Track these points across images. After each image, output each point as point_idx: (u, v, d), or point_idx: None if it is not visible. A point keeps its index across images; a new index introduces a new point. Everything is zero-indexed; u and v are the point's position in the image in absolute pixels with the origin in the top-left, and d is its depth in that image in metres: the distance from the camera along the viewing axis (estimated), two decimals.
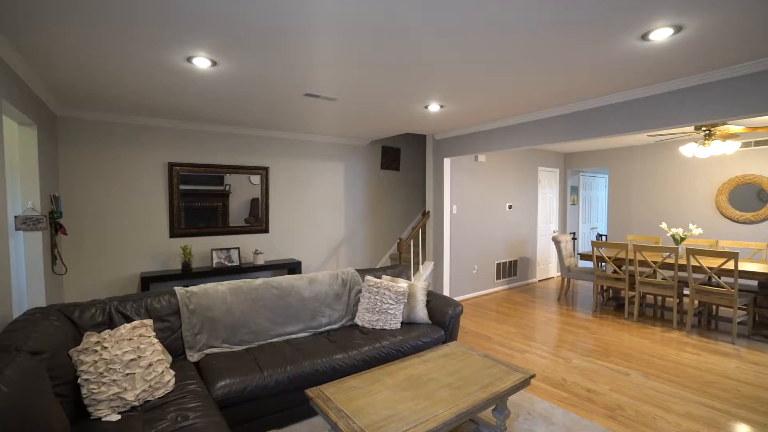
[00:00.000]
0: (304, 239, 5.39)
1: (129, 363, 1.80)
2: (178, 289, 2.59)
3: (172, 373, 1.98)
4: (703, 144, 3.98)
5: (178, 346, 2.45)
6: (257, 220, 5.02)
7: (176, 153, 4.44)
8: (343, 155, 5.71)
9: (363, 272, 3.48)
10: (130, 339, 1.86)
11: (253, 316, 2.80)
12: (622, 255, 4.75)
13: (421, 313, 3.10)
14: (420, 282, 3.24)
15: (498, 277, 6.05)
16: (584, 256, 5.22)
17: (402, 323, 3.10)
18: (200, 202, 4.61)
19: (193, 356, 2.44)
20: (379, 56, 2.43)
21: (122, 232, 4.15)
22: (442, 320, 3.06)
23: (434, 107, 3.68)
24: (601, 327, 4.33)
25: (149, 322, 2.05)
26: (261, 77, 2.83)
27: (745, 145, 5.14)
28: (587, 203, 7.94)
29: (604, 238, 7.81)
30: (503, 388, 1.95)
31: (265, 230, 5.09)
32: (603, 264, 4.89)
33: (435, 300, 3.23)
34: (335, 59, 2.49)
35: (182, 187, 4.48)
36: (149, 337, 1.94)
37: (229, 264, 4.64)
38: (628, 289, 4.67)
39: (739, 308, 3.92)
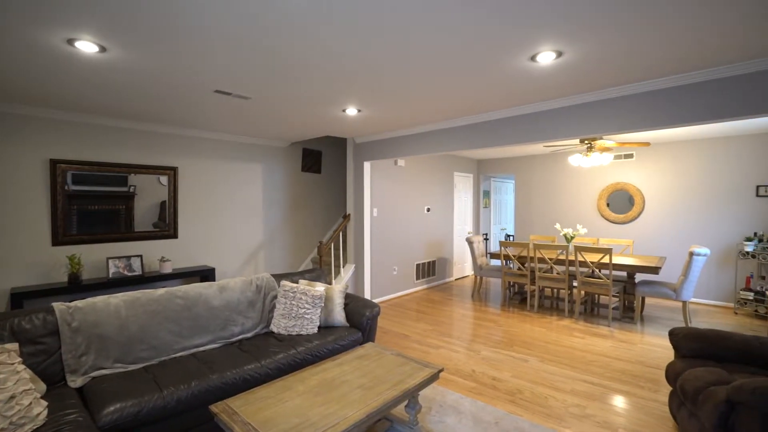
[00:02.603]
0: (218, 244, 5.07)
1: None
2: (57, 305, 2.26)
3: (45, 404, 1.72)
4: (586, 155, 4.58)
5: (57, 371, 2.13)
6: (167, 225, 4.62)
7: (63, 149, 3.88)
8: (262, 156, 5.50)
9: (279, 277, 3.38)
10: None
11: (154, 330, 2.55)
12: (524, 253, 5.26)
13: (339, 316, 3.10)
14: (337, 285, 3.24)
15: (418, 278, 6.30)
16: (494, 255, 5.67)
17: (319, 327, 3.07)
18: (98, 204, 4.10)
19: (76, 381, 2.14)
20: (290, 57, 2.39)
21: None
22: (360, 322, 3.10)
23: (352, 111, 3.72)
24: (508, 320, 4.73)
25: (13, 346, 1.75)
26: (161, 70, 2.61)
27: (617, 157, 6.03)
28: (498, 206, 8.64)
29: (511, 238, 8.56)
30: (413, 384, 2.03)
31: (174, 235, 4.69)
32: (509, 262, 5.36)
33: (353, 302, 3.25)
34: (244, 57, 2.39)
35: (75, 187, 3.93)
36: (12, 364, 1.66)
37: (130, 274, 4.18)
38: (530, 283, 5.17)
39: (614, 296, 4.57)
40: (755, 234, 4.90)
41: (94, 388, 2.06)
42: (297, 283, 3.34)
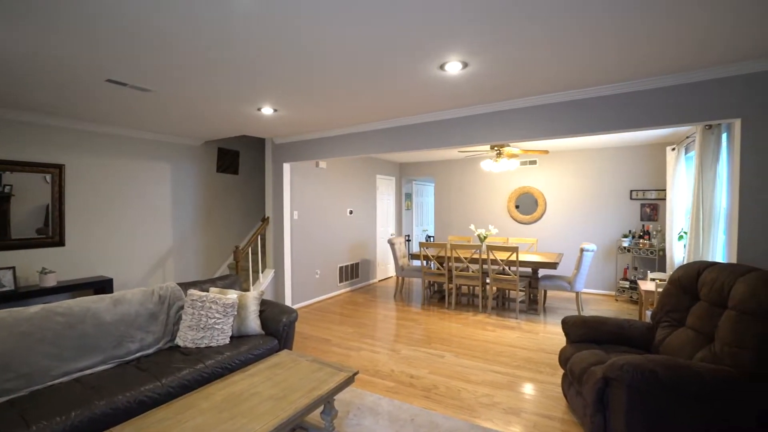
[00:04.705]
0: (117, 252, 4.53)
1: None
2: None
3: None
4: (495, 161, 4.95)
5: None
6: (52, 231, 4.02)
7: None
8: (170, 155, 5.04)
9: (187, 286, 3.11)
10: None
11: (23, 355, 2.18)
12: (442, 253, 5.51)
13: (254, 324, 2.95)
14: (252, 291, 3.08)
15: (341, 280, 6.27)
16: (414, 256, 5.85)
17: (232, 337, 2.89)
18: None
19: None
20: (195, 50, 2.22)
21: None
22: (276, 329, 2.98)
23: (267, 110, 3.58)
24: (428, 318, 4.91)
25: None
26: (33, 51, 2.25)
27: (523, 163, 6.63)
28: (419, 208, 8.96)
29: (432, 239, 8.94)
30: (327, 390, 2.00)
31: (60, 243, 4.09)
32: (429, 262, 5.58)
33: (269, 309, 3.12)
34: (140, 45, 2.16)
35: None
36: None
37: None
38: (448, 282, 5.43)
39: (520, 290, 5.00)
40: (630, 231, 5.73)
41: None
42: (207, 291, 3.11)
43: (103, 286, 4.14)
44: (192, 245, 5.32)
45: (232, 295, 2.95)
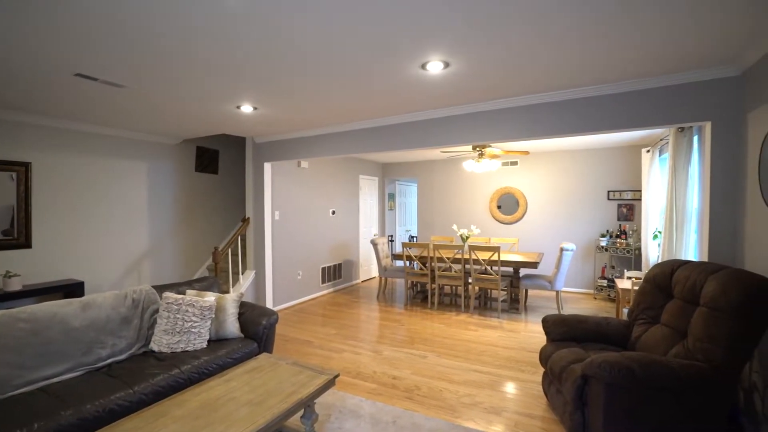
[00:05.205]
0: (89, 254, 4.36)
1: None
2: None
3: None
4: (477, 161, 4.98)
5: None
6: (18, 232, 3.85)
7: None
8: (147, 154, 4.88)
9: (162, 288, 3.01)
10: None
11: None
12: (425, 253, 5.52)
13: (232, 327, 2.87)
14: (231, 294, 3.01)
15: (323, 281, 6.20)
16: (397, 256, 5.84)
17: (209, 341, 2.81)
18: None
19: None
20: (172, 45, 2.15)
21: None
22: (256, 332, 2.91)
23: (247, 108, 3.50)
24: (411, 318, 4.90)
25: None
26: None
27: (504, 164, 6.71)
28: (402, 209, 8.97)
29: (415, 239, 8.95)
30: (307, 394, 1.96)
31: (26, 244, 3.91)
32: (412, 262, 5.57)
33: (249, 311, 3.05)
34: (109, 35, 2.07)
35: None
36: None
37: None
38: (430, 282, 5.44)
39: (502, 289, 5.05)
40: (607, 231, 5.87)
41: None
42: (183, 294, 3.02)
43: (73, 289, 3.97)
44: (169, 247, 5.17)
45: (210, 297, 2.87)
